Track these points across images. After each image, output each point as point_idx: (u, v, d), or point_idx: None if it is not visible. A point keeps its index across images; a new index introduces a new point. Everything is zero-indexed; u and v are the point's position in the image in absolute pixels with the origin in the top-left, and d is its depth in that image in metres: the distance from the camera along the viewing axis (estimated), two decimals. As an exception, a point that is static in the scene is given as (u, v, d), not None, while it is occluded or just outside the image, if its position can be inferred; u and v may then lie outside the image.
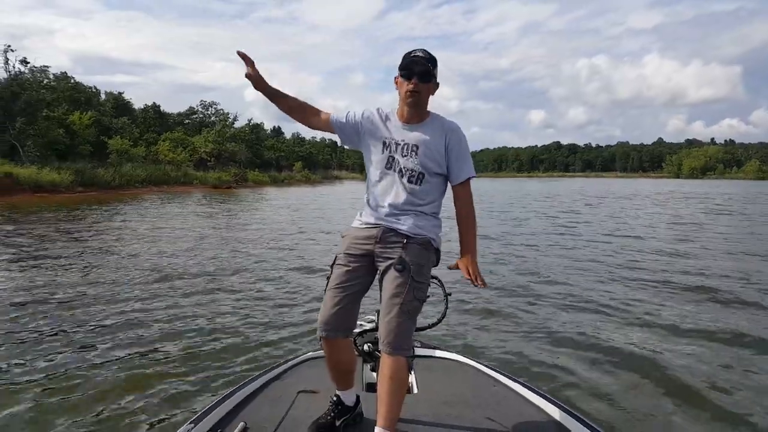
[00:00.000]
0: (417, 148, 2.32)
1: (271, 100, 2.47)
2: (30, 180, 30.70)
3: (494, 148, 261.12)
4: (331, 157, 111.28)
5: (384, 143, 2.38)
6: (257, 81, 2.41)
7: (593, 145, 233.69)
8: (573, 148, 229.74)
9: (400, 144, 2.35)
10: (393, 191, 2.34)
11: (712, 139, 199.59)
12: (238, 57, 2.38)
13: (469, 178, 2.39)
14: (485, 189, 54.50)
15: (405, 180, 2.33)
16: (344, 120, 2.47)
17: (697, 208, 25.80)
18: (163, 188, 42.67)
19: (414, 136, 2.34)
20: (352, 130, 2.46)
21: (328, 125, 2.49)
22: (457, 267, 2.36)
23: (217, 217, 20.49)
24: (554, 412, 2.50)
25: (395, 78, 2.35)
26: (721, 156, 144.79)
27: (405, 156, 2.33)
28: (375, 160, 2.40)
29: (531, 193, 46.32)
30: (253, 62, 2.39)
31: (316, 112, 2.51)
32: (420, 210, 2.34)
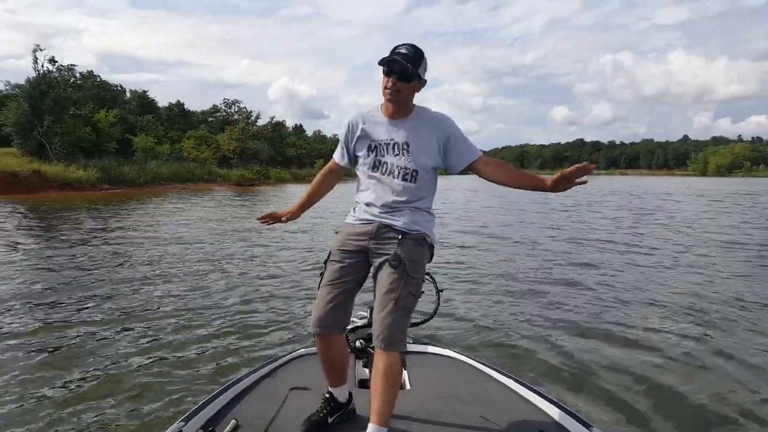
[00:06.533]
0: (407, 145, 2.28)
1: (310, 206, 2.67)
2: (57, 177, 31.39)
3: (516, 146, 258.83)
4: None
5: (369, 146, 2.35)
6: (293, 215, 2.60)
7: (617, 142, 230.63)
8: (597, 146, 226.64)
9: (389, 144, 2.31)
10: (383, 191, 2.31)
11: (739, 136, 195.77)
12: (272, 220, 2.60)
13: (478, 158, 2.30)
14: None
15: (399, 179, 2.29)
16: (344, 149, 2.49)
17: None
18: (188, 185, 43.13)
19: (402, 133, 2.30)
20: (352, 153, 2.46)
21: (340, 169, 2.58)
22: (566, 177, 2.12)
23: (238, 212, 20.69)
24: (547, 407, 2.48)
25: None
26: (748, 154, 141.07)
27: (397, 155, 2.30)
28: (362, 162, 2.39)
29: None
30: (277, 215, 2.59)
31: (333, 171, 2.61)
32: (414, 206, 2.31)
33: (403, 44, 2.25)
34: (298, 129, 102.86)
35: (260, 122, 73.46)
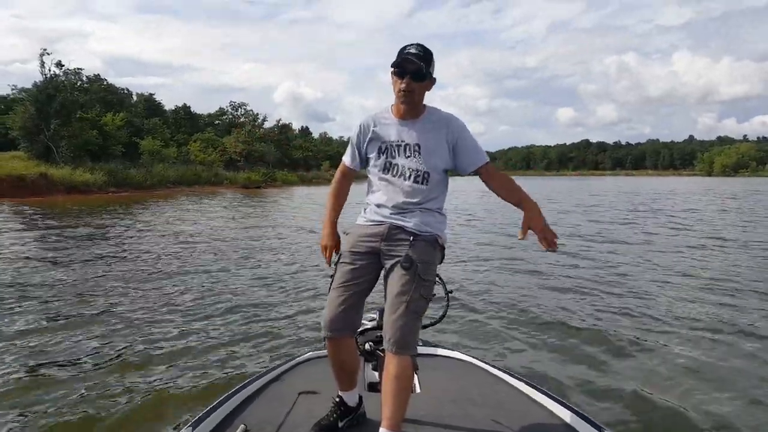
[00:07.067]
0: (419, 147, 2.26)
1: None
2: (64, 180, 31.53)
3: (522, 147, 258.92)
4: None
5: (380, 148, 2.33)
6: (334, 241, 2.47)
7: (623, 143, 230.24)
8: (602, 146, 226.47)
9: (400, 145, 2.29)
10: (394, 192, 2.29)
11: (745, 136, 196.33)
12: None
13: (485, 164, 2.30)
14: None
15: (410, 181, 2.27)
16: (355, 152, 2.45)
17: None
18: (195, 188, 43.27)
19: (413, 134, 2.28)
20: (363, 155, 2.43)
21: (352, 172, 2.52)
22: (525, 234, 2.20)
23: (252, 212, 20.76)
24: (559, 410, 2.43)
25: (391, 72, 2.27)
26: (754, 153, 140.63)
27: (408, 156, 2.28)
28: (373, 164, 2.37)
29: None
30: (329, 250, 2.46)
31: (345, 176, 2.55)
32: (425, 207, 2.28)
33: (411, 44, 2.25)
34: (305, 131, 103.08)
35: (267, 125, 73.79)
